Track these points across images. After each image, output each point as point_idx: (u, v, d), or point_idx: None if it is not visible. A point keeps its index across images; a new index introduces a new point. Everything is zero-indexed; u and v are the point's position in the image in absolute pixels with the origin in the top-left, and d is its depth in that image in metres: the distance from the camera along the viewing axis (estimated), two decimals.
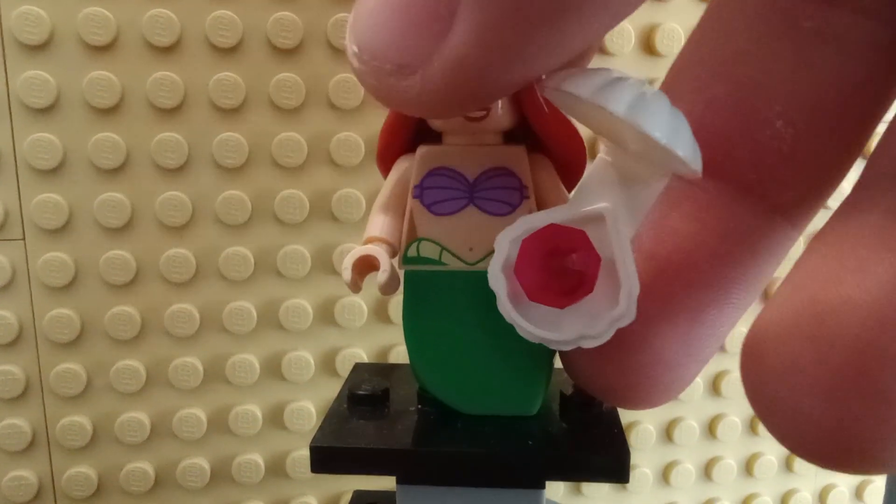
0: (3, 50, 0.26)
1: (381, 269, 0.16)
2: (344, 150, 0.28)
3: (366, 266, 0.16)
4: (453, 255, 0.16)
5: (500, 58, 0.09)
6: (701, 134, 0.11)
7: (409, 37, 0.09)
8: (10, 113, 0.26)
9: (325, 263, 0.30)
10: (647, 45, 0.30)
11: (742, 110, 0.12)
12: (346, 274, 0.16)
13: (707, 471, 0.34)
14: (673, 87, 0.13)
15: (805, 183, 0.12)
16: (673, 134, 0.10)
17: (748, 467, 0.35)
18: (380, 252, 0.16)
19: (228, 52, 0.27)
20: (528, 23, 0.09)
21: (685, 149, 0.11)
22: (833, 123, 0.12)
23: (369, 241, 0.16)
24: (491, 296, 0.13)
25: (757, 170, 0.12)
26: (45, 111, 0.26)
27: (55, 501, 0.30)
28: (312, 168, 0.29)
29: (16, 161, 0.27)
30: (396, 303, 0.30)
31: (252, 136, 0.28)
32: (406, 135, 0.17)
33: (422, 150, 0.16)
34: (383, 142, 0.17)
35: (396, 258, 0.17)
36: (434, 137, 0.16)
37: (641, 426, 0.33)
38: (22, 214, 0.27)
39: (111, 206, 0.27)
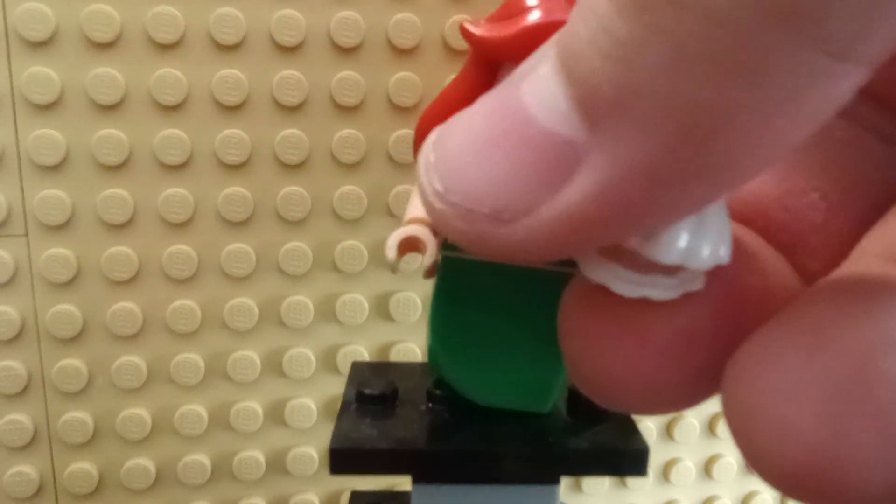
0: (7, 46, 0.26)
1: (428, 252, 0.16)
2: (346, 147, 0.28)
3: (408, 247, 0.16)
4: None
5: (618, 217, 0.08)
6: (738, 196, 0.11)
7: (515, 182, 0.08)
8: (14, 109, 0.26)
9: (326, 261, 0.30)
10: None
11: (778, 180, 0.12)
12: (392, 252, 0.16)
13: (707, 469, 0.35)
14: None
15: (833, 256, 0.12)
16: (685, 254, 0.10)
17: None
18: (427, 235, 0.16)
19: (231, 50, 0.27)
20: (658, 184, 0.08)
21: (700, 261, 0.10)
22: (866, 207, 0.12)
23: (412, 222, 0.16)
24: (527, 290, 0.13)
25: (790, 233, 0.12)
26: (48, 107, 0.26)
27: (56, 497, 0.30)
28: (314, 165, 0.29)
29: (19, 157, 0.27)
30: (397, 300, 0.30)
31: (254, 134, 0.28)
32: None
33: None
34: (427, 128, 0.17)
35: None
36: None
37: (641, 424, 0.33)
38: (24, 210, 0.27)
39: (114, 202, 0.27)
